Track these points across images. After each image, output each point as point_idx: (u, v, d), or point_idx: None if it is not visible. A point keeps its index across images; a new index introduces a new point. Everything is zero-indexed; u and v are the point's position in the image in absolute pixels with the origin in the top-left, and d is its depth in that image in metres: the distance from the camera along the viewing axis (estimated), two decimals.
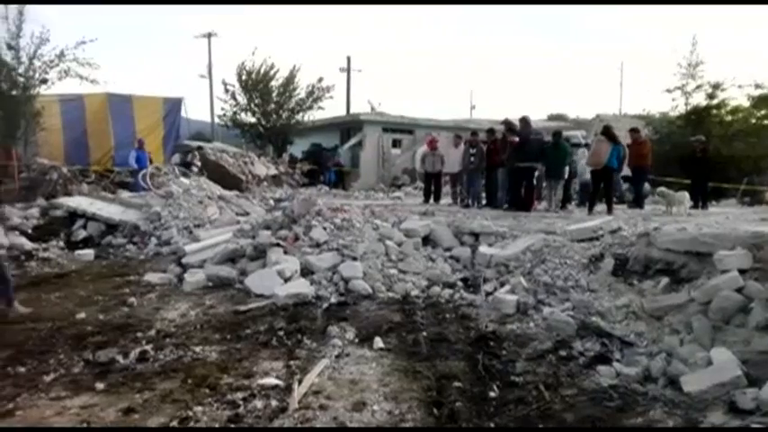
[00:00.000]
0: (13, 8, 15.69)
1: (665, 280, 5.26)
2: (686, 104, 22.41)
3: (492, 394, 3.82)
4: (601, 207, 10.92)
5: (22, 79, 16.37)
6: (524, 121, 11.85)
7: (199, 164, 18.43)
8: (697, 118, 21.45)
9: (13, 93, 16.20)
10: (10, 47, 16.09)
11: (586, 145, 14.30)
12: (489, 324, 5.35)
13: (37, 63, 16.48)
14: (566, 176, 12.24)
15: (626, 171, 13.20)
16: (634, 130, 12.76)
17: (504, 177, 12.02)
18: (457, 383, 3.97)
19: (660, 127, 23.71)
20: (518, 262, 6.76)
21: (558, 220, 8.99)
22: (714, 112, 21.82)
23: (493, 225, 8.26)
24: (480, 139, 12.93)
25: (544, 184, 12.48)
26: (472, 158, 12.43)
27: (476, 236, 8.07)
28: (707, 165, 13.59)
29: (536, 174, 11.90)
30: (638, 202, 12.20)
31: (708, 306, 4.36)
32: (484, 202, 12.59)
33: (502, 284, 6.37)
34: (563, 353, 4.51)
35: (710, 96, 21.77)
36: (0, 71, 16.00)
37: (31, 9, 15.90)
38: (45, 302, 6.58)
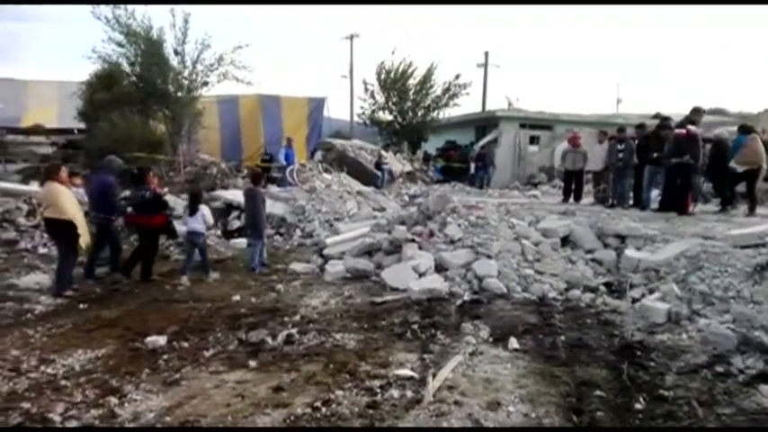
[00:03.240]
0: (180, 16, 17.24)
1: None
2: None
3: (638, 406, 3.59)
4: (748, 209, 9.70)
5: (186, 82, 17.99)
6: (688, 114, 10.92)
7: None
8: None
9: (179, 95, 17.88)
10: (177, 53, 17.72)
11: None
12: (636, 333, 5.03)
13: (199, 67, 18.00)
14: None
15: None
16: None
17: (653, 176, 11.13)
18: (598, 392, 3.79)
19: None
20: (670, 268, 6.25)
21: (717, 223, 8.16)
22: None
23: (642, 227, 7.73)
24: (629, 135, 12.10)
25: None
26: (621, 155, 11.66)
27: (622, 238, 7.61)
28: None
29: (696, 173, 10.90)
30: None
31: None
32: (631, 202, 11.76)
33: (651, 291, 5.95)
34: (720, 368, 4.13)
35: None
36: (168, 75, 17.70)
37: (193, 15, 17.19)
38: (205, 285, 7.34)
